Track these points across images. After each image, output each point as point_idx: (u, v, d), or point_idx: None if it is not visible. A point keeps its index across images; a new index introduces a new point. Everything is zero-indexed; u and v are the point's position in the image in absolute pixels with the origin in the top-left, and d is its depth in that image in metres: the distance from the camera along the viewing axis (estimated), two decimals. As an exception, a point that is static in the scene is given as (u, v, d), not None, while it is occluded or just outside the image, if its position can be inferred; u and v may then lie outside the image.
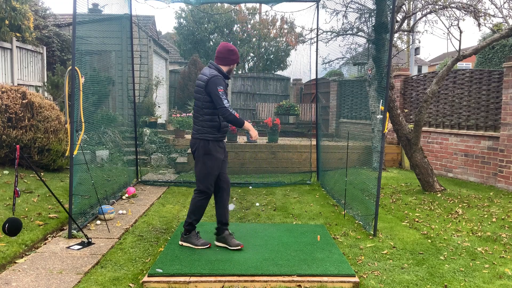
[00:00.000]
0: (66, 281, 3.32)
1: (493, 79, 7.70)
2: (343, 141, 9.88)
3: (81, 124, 4.49)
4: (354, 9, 6.65)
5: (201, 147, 4.01)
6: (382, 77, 5.28)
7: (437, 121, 9.03)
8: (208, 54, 18.26)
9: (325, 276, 3.44)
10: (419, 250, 4.20)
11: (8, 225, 3.49)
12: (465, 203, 6.13)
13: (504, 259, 4.00)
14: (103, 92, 6.48)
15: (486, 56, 12.81)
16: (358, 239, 4.54)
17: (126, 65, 6.91)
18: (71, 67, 4.31)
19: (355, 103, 12.19)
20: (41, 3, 12.06)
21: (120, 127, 7.08)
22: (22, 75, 9.29)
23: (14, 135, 6.14)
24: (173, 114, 11.64)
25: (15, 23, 8.79)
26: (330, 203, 6.20)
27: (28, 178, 6.02)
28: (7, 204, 4.86)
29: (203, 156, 4.00)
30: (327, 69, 8.56)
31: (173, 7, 16.47)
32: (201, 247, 4.02)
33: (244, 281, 3.36)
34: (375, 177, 4.89)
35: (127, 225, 4.87)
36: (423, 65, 34.13)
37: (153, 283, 3.32)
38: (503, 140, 7.26)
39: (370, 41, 6.14)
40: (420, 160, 6.81)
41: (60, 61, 10.65)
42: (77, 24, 4.40)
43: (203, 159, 4.01)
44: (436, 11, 6.66)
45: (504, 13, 6.47)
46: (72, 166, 4.36)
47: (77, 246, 4.07)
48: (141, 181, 7.51)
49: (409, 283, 3.43)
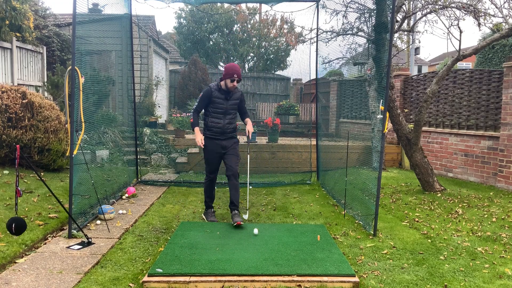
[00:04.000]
0: (66, 281, 3.32)
1: (493, 79, 7.70)
2: (343, 141, 9.87)
3: (81, 124, 4.49)
4: (354, 9, 6.65)
5: None
6: (382, 77, 5.28)
7: (437, 121, 9.02)
8: (208, 54, 18.26)
9: (325, 276, 3.44)
10: (419, 250, 4.20)
11: (14, 224, 3.51)
12: (465, 203, 6.13)
13: (504, 259, 4.00)
14: (103, 92, 6.49)
15: (486, 56, 12.81)
16: (358, 239, 4.54)
17: (126, 65, 6.91)
18: (71, 67, 4.31)
19: (355, 103, 12.18)
20: (41, 3, 12.07)
21: (120, 127, 7.09)
22: (22, 75, 9.29)
23: (14, 135, 6.14)
24: (173, 114, 11.64)
25: (15, 23, 8.79)
26: (330, 203, 6.20)
27: (28, 178, 6.02)
28: (7, 204, 4.86)
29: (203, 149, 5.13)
30: (327, 69, 8.57)
31: (173, 7, 16.44)
32: (208, 221, 5.08)
33: (244, 281, 3.36)
34: (375, 177, 4.89)
35: (127, 225, 4.87)
36: (423, 65, 34.13)
37: (153, 283, 3.32)
38: (503, 140, 7.26)
39: (370, 41, 6.14)
40: (420, 160, 6.81)
41: (60, 61, 10.65)
42: (77, 24, 4.40)
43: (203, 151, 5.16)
44: (436, 11, 6.65)
45: (504, 13, 6.46)
46: (72, 166, 4.36)
47: (77, 246, 4.07)
48: (141, 181, 7.51)
49: (409, 283, 3.43)
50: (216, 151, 5.07)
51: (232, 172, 4.98)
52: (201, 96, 5.02)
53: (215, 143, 5.05)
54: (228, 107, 5.05)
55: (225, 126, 5.05)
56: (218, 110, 5.02)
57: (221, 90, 5.01)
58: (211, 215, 5.19)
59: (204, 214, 5.30)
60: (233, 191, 4.99)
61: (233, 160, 5.04)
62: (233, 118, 5.14)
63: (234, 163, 5.03)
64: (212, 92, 4.99)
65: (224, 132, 5.06)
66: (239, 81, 5.00)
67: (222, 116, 5.03)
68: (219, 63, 19.30)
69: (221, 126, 5.03)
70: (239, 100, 5.16)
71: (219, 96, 4.99)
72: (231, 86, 4.98)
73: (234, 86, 5.00)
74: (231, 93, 5.05)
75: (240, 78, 4.97)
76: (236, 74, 4.94)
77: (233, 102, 5.09)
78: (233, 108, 5.10)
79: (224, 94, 5.01)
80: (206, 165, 5.21)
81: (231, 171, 4.98)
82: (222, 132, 5.05)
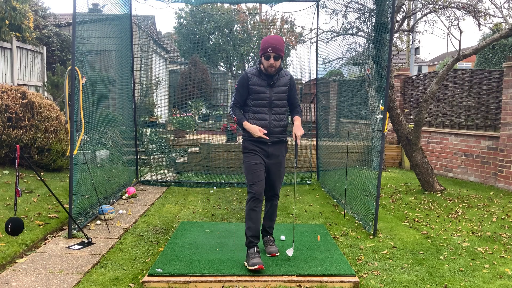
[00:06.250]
0: (66, 281, 3.32)
1: (493, 79, 7.70)
2: (343, 141, 9.87)
3: (81, 124, 4.49)
4: (354, 9, 6.65)
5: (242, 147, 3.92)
6: (382, 77, 5.28)
7: (437, 121, 9.02)
8: (208, 54, 18.25)
9: (325, 276, 3.44)
10: (419, 250, 4.20)
11: (11, 224, 3.50)
12: (465, 203, 6.13)
13: (504, 259, 4.00)
14: (103, 92, 6.49)
15: (486, 56, 12.80)
16: (358, 239, 4.54)
17: (126, 65, 6.91)
18: (71, 67, 4.31)
19: (355, 103, 12.18)
20: (41, 3, 12.06)
21: (120, 127, 7.09)
22: (22, 75, 9.29)
23: (14, 135, 6.14)
24: (173, 114, 11.65)
25: (15, 23, 8.79)
26: (330, 203, 6.20)
27: (28, 178, 6.02)
28: (7, 204, 4.86)
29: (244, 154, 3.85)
30: (327, 69, 8.56)
31: (173, 7, 16.45)
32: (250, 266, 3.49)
33: (244, 281, 3.36)
34: (375, 177, 4.89)
35: (127, 225, 4.87)
36: (423, 65, 34.12)
37: (153, 283, 3.32)
38: (503, 140, 7.26)
39: (370, 41, 6.14)
40: (420, 160, 6.81)
41: (60, 61, 10.65)
42: (77, 24, 4.40)
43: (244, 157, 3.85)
44: (436, 11, 6.65)
45: (504, 13, 6.46)
46: (72, 166, 4.36)
47: (77, 246, 4.07)
48: (141, 181, 7.51)
49: (409, 283, 3.43)
50: (260, 155, 3.77)
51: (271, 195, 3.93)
52: (236, 87, 3.82)
53: (259, 148, 3.77)
54: (273, 97, 3.76)
55: (271, 124, 3.74)
56: (259, 102, 3.74)
57: (262, 75, 3.75)
58: (255, 256, 3.55)
59: (246, 258, 3.63)
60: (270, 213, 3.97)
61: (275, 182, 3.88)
62: (283, 113, 3.84)
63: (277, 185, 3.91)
64: (249, 78, 3.75)
65: (270, 132, 3.75)
66: (278, 57, 3.64)
67: (266, 110, 3.74)
68: (219, 63, 19.30)
69: (266, 124, 3.73)
70: (288, 86, 3.84)
71: (259, 83, 3.74)
72: (269, 66, 3.66)
73: (273, 66, 3.66)
74: (276, 77, 3.76)
75: (279, 53, 3.62)
76: (271, 47, 3.59)
77: (279, 90, 3.79)
78: (280, 98, 3.80)
79: (265, 80, 3.75)
80: (247, 177, 3.75)
81: (270, 193, 3.92)
82: (269, 132, 3.74)
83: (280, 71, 3.78)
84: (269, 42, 3.60)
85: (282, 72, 3.81)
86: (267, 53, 3.61)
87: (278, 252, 3.91)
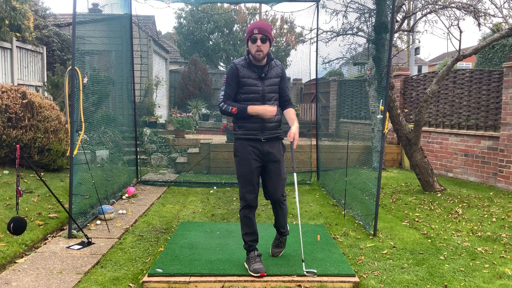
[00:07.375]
0: (66, 281, 3.32)
1: (493, 79, 7.70)
2: (343, 141, 9.87)
3: (81, 124, 4.49)
4: (354, 9, 6.65)
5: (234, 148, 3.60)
6: (382, 77, 5.28)
7: (437, 121, 9.02)
8: (208, 54, 18.25)
9: (325, 276, 3.44)
10: (419, 250, 4.20)
11: (13, 224, 3.51)
12: (465, 203, 6.13)
13: (504, 259, 4.00)
14: (103, 92, 6.49)
15: (486, 56, 12.80)
16: (358, 239, 4.54)
17: (126, 65, 6.92)
18: (71, 67, 4.31)
19: (355, 103, 12.18)
20: (41, 3, 12.07)
21: (120, 127, 7.09)
22: (22, 75, 9.29)
23: (14, 135, 6.14)
24: (173, 114, 11.65)
25: (15, 23, 8.79)
26: (330, 203, 6.20)
27: (28, 178, 6.02)
28: (7, 204, 4.86)
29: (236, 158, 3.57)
30: (327, 69, 8.57)
31: (173, 7, 16.46)
32: (252, 271, 3.42)
33: (244, 281, 3.36)
34: (375, 177, 4.89)
35: (127, 225, 4.87)
36: (423, 65, 34.12)
37: (153, 283, 3.32)
38: (503, 140, 7.26)
39: (370, 41, 6.14)
40: (420, 160, 6.81)
41: (60, 61, 10.65)
42: (77, 24, 4.41)
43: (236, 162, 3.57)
44: (436, 11, 6.65)
45: (504, 13, 6.47)
46: (72, 166, 4.36)
47: (77, 246, 4.07)
48: (141, 181, 7.51)
49: (409, 283, 3.43)
50: (253, 158, 3.49)
51: (275, 199, 3.63)
52: (225, 80, 3.48)
53: (252, 148, 3.49)
54: (266, 90, 3.48)
55: (265, 119, 3.49)
56: (251, 96, 3.46)
57: (252, 66, 3.46)
58: (256, 261, 3.48)
59: (246, 261, 3.56)
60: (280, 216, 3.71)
61: (277, 184, 3.57)
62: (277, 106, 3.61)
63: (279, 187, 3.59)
64: (239, 70, 3.44)
65: (264, 127, 3.49)
66: (265, 39, 3.34)
67: (259, 104, 3.47)
68: (219, 63, 19.30)
69: (260, 119, 3.46)
70: (280, 78, 3.58)
71: (250, 75, 3.45)
72: (257, 51, 3.36)
73: (261, 50, 3.35)
74: (267, 68, 3.49)
75: (266, 34, 3.34)
76: (257, 28, 3.32)
77: (272, 82, 3.52)
78: (273, 90, 3.53)
79: (256, 72, 3.46)
80: (240, 183, 3.53)
81: (274, 197, 3.62)
82: (262, 128, 3.48)
83: (270, 62, 3.51)
84: (255, 24, 3.37)
85: (273, 62, 3.54)
86: (253, 35, 3.33)
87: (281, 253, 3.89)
